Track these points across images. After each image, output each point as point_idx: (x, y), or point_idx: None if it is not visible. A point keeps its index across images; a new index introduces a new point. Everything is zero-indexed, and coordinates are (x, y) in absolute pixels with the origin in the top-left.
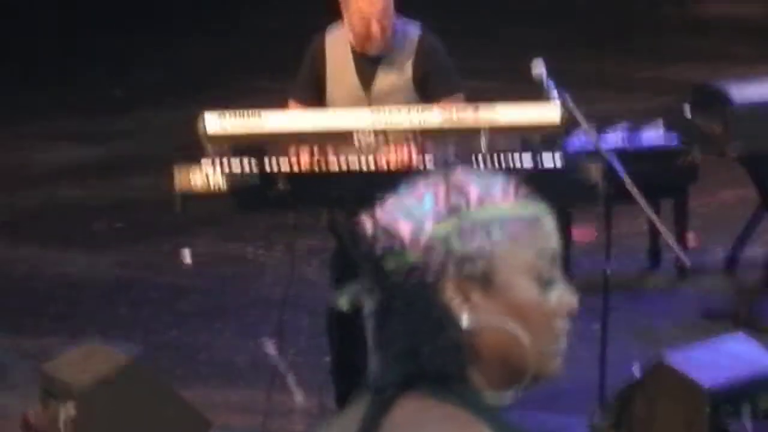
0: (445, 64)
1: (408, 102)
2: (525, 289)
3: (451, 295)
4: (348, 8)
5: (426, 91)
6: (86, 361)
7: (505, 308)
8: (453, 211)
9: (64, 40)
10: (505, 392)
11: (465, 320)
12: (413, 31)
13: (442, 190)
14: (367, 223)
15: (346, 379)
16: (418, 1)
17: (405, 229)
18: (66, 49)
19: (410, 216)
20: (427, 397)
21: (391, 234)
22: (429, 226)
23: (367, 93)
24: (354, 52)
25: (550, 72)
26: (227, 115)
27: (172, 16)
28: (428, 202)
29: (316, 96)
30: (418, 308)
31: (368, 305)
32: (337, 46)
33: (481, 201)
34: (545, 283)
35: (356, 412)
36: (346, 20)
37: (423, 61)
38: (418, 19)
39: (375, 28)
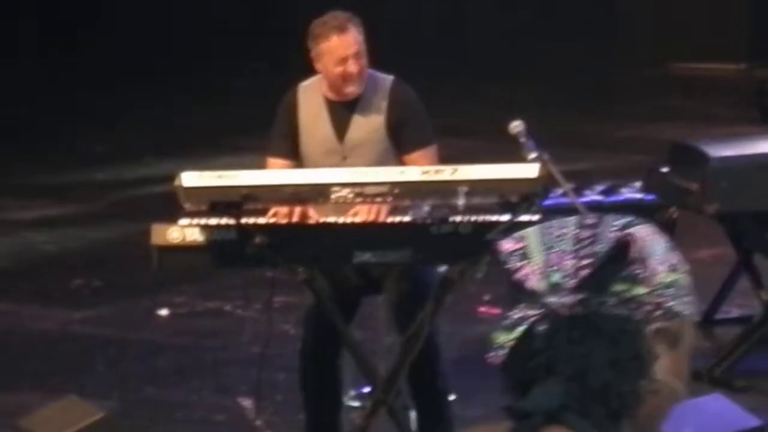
0: (419, 114)
1: (382, 150)
2: (689, 361)
3: (650, 340)
4: (322, 56)
5: (399, 140)
6: (63, 417)
7: (673, 372)
8: (672, 266)
9: (48, 95)
10: None
11: (654, 370)
12: (386, 79)
13: (663, 241)
14: (635, 243)
15: (316, 426)
16: (396, 60)
17: (652, 264)
18: (49, 105)
19: (654, 255)
20: None
21: (642, 263)
22: (661, 270)
23: (341, 142)
24: (327, 101)
25: (530, 131)
26: (204, 174)
27: (156, 78)
28: (660, 248)
29: (292, 149)
30: (624, 338)
31: (563, 311)
32: (310, 98)
33: (679, 267)
34: None
35: None
36: (320, 68)
37: (396, 108)
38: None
39: (352, 67)
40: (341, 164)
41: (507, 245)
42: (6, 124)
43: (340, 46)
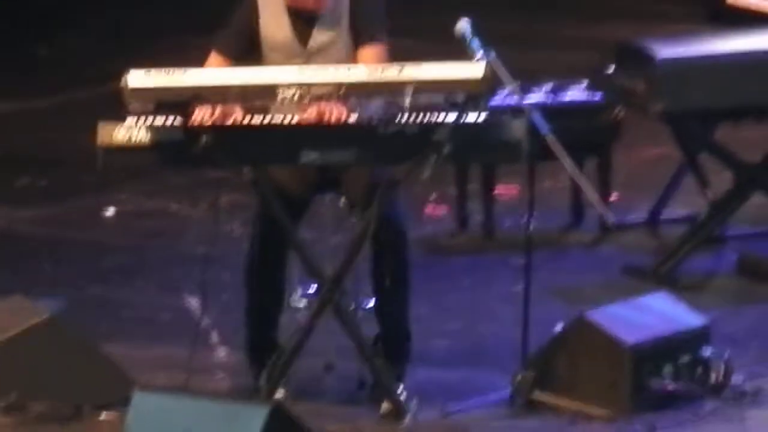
0: (376, 12)
1: (346, 51)
2: None
3: None
4: None
5: (354, 33)
6: (8, 316)
7: None
8: None
9: None
10: None
11: None
12: None
13: None
14: None
15: (259, 327)
16: None
17: None
18: None
19: None
20: None
21: None
22: None
23: (304, 48)
24: (289, 9)
25: (475, 31)
26: (152, 72)
27: None
28: None
29: (242, 48)
30: None
31: None
32: (271, 3)
33: None
34: None
35: None
36: None
37: (357, 7)
38: None
39: None
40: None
41: None
42: None
43: None
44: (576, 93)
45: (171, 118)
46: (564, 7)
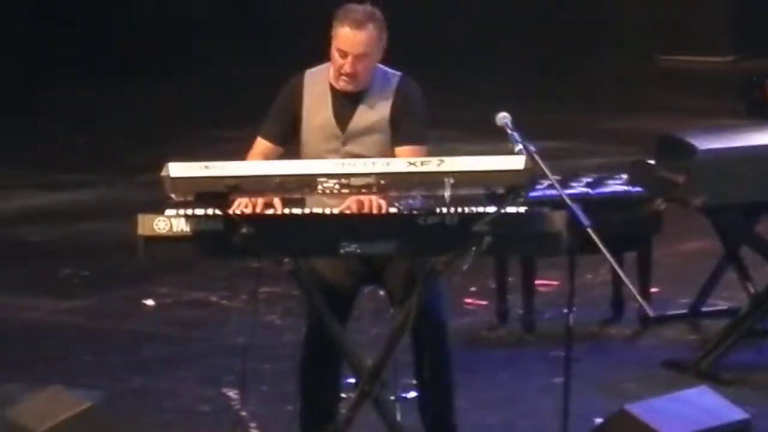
0: (419, 112)
1: (383, 141)
2: None
3: None
4: (333, 39)
5: (394, 130)
6: (49, 407)
7: None
8: None
9: (28, 89)
10: None
11: None
12: (395, 75)
13: None
14: None
15: (316, 424)
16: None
17: None
18: (29, 98)
19: None
20: None
21: None
22: None
23: (343, 130)
24: (333, 89)
25: (516, 123)
26: (191, 163)
27: (138, 66)
28: None
29: (286, 134)
30: None
31: None
32: (316, 83)
33: None
34: None
35: None
36: (332, 49)
37: (400, 101)
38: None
39: (347, 67)
40: (340, 150)
41: None
42: None
43: (347, 41)
44: (616, 185)
45: (211, 208)
46: (604, 101)
